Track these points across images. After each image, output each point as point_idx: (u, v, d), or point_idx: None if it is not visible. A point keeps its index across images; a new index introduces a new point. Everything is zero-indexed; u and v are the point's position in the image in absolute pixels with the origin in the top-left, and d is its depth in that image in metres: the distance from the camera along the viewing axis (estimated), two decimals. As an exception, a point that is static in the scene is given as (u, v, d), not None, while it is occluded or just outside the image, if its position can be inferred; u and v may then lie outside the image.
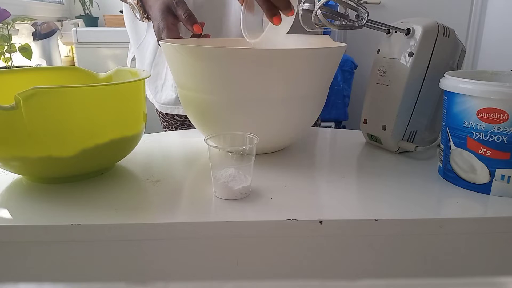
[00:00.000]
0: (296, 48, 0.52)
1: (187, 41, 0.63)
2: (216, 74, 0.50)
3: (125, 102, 0.48)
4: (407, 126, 0.58)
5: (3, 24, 1.42)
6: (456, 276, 0.44)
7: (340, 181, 0.51)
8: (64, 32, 2.09)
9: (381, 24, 0.57)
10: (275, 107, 0.52)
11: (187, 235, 0.41)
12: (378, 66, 0.60)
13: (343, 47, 0.55)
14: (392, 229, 0.42)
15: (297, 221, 0.40)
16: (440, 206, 0.46)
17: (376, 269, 0.44)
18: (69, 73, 0.59)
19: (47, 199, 0.44)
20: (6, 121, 0.41)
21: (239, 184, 0.44)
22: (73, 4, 2.36)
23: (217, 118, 0.54)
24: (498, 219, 0.42)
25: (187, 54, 0.50)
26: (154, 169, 0.53)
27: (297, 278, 0.44)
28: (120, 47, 2.03)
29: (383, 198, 0.46)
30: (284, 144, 0.61)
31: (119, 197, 0.45)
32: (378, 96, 0.60)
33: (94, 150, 0.45)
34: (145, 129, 0.54)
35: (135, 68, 0.55)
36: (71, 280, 0.42)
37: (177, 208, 0.43)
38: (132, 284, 0.43)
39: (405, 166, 0.56)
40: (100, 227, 0.40)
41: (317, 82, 0.54)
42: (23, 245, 0.41)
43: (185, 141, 0.67)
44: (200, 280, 0.43)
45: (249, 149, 0.45)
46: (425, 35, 0.55)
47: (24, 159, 0.44)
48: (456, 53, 0.60)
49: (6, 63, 1.45)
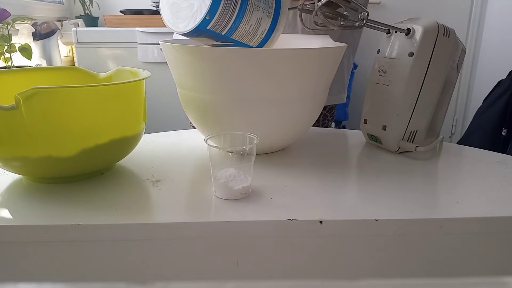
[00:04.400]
0: (296, 48, 0.52)
1: (187, 41, 0.63)
2: (216, 74, 0.50)
3: (125, 102, 0.48)
4: (407, 126, 0.58)
5: (3, 24, 1.42)
6: (456, 276, 0.44)
7: (340, 181, 0.51)
8: (64, 32, 2.09)
9: (381, 24, 0.57)
10: (275, 107, 0.52)
11: (187, 235, 0.41)
12: (378, 66, 0.60)
13: (343, 47, 0.55)
14: (392, 229, 0.42)
15: (297, 221, 0.40)
16: (440, 206, 0.46)
17: (376, 269, 0.44)
18: (69, 73, 0.59)
19: (47, 199, 0.44)
20: (6, 121, 0.41)
21: (239, 184, 0.44)
22: (73, 4, 2.36)
23: (217, 118, 0.54)
24: (498, 219, 0.42)
25: (187, 54, 0.50)
26: (154, 169, 0.53)
27: (297, 278, 0.44)
28: (120, 47, 2.03)
29: (383, 198, 0.46)
30: (284, 144, 0.61)
31: (119, 197, 0.45)
32: (378, 96, 0.60)
33: (94, 150, 0.45)
34: (145, 129, 0.54)
35: (135, 68, 0.55)
36: (71, 280, 0.42)
37: (177, 208, 0.43)
38: (132, 284, 0.43)
39: (405, 166, 0.56)
40: (100, 227, 0.40)
41: (317, 82, 0.54)
42: (23, 245, 0.41)
43: (185, 141, 0.67)
44: (200, 280, 0.43)
45: (249, 149, 0.45)
46: (425, 35, 0.55)
47: (24, 159, 0.44)
48: (456, 53, 0.60)
49: (6, 63, 1.45)
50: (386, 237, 0.42)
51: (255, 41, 0.50)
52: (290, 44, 0.67)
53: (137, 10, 2.15)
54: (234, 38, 0.49)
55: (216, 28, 0.46)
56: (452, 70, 0.61)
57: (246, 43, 0.50)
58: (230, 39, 0.49)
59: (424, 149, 0.58)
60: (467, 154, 0.64)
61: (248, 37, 0.49)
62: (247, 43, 0.50)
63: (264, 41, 0.51)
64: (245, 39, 0.49)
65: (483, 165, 0.58)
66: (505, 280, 0.45)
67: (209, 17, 0.45)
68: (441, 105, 0.63)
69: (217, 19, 0.45)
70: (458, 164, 0.60)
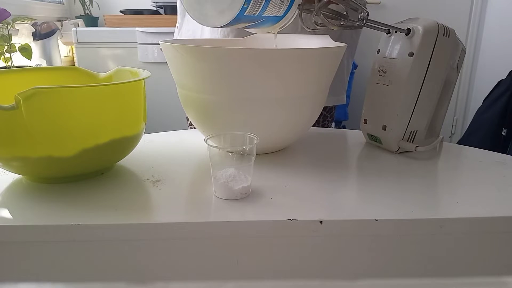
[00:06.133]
0: (296, 48, 0.52)
1: (187, 41, 0.63)
2: (216, 74, 0.50)
3: (125, 102, 0.48)
4: (407, 126, 0.58)
5: (3, 24, 1.42)
6: (456, 276, 0.44)
7: (340, 181, 0.51)
8: (64, 32, 2.09)
9: (381, 24, 0.57)
10: (275, 107, 0.52)
11: (187, 235, 0.41)
12: (378, 66, 0.60)
13: (343, 47, 0.55)
14: (392, 229, 0.42)
15: (297, 221, 0.40)
16: (440, 206, 0.46)
17: (376, 269, 0.44)
18: (69, 73, 0.59)
19: (47, 199, 0.44)
20: (6, 121, 0.41)
21: (239, 184, 0.44)
22: (73, 4, 2.36)
23: (217, 118, 0.54)
24: (498, 219, 0.42)
25: (187, 54, 0.50)
26: (154, 169, 0.53)
27: (297, 278, 0.44)
28: (120, 47, 2.03)
29: (383, 198, 0.46)
30: (284, 144, 0.61)
31: (119, 197, 0.45)
32: (378, 96, 0.60)
33: (94, 150, 0.45)
34: (145, 129, 0.54)
35: (135, 68, 0.55)
36: (71, 280, 0.42)
37: (177, 208, 0.43)
38: (132, 284, 0.43)
39: (405, 166, 0.56)
40: (100, 227, 0.40)
41: (317, 82, 0.54)
42: (23, 245, 0.41)
43: (185, 141, 0.67)
44: (200, 280, 0.43)
45: (249, 149, 0.45)
46: (425, 35, 0.55)
47: (24, 159, 0.44)
48: (456, 53, 0.60)
49: (6, 63, 1.45)
50: (386, 237, 0.42)
51: (282, 10, 0.49)
52: (290, 44, 0.67)
53: (137, 10, 2.16)
54: (265, 15, 0.48)
55: (251, 12, 0.46)
56: (452, 70, 0.61)
57: (274, 16, 0.50)
58: (262, 17, 0.48)
59: (424, 149, 0.58)
60: (467, 154, 0.64)
61: (276, 9, 0.49)
62: (275, 15, 0.50)
63: (288, 8, 0.50)
64: (273, 12, 0.49)
65: (483, 165, 0.58)
66: (505, 280, 0.45)
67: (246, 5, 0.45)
68: (441, 105, 0.63)
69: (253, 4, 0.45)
70: (458, 164, 0.60)
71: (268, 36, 0.60)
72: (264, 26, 0.54)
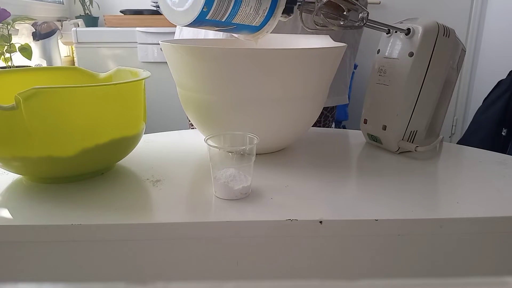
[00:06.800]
0: (296, 48, 0.52)
1: (187, 41, 0.63)
2: (216, 74, 0.50)
3: (125, 102, 0.48)
4: (407, 126, 0.58)
5: (3, 24, 1.42)
6: (456, 276, 0.44)
7: (340, 181, 0.51)
8: (64, 32, 2.09)
9: (381, 24, 0.57)
10: (275, 107, 0.52)
11: (187, 235, 0.41)
12: (378, 66, 0.60)
13: (343, 47, 0.55)
14: (392, 229, 0.42)
15: (297, 221, 0.40)
16: (440, 206, 0.46)
17: (376, 269, 0.44)
18: (69, 73, 0.59)
19: (47, 199, 0.44)
20: (6, 121, 0.41)
21: (239, 184, 0.44)
22: (73, 4, 2.36)
23: (217, 118, 0.54)
24: (498, 219, 0.42)
25: (187, 54, 0.50)
26: (154, 169, 0.53)
27: (297, 278, 0.44)
28: (120, 47, 2.03)
29: (383, 198, 0.46)
30: (284, 144, 0.61)
31: (119, 197, 0.45)
32: (378, 96, 0.60)
33: (94, 150, 0.45)
34: (145, 129, 0.54)
35: (135, 68, 0.55)
36: (71, 280, 0.42)
37: (177, 208, 0.43)
38: (132, 284, 0.43)
39: (405, 166, 0.56)
40: (100, 227, 0.40)
41: (317, 82, 0.54)
42: (23, 245, 0.41)
43: (185, 141, 0.67)
44: (200, 280, 0.43)
45: (249, 149, 0.45)
46: (425, 35, 0.55)
47: (24, 159, 0.44)
48: (456, 53, 0.60)
49: (6, 63, 1.45)
50: (386, 237, 0.42)
51: (257, 20, 0.49)
52: (290, 44, 0.67)
53: (137, 10, 2.15)
54: (235, 22, 0.48)
55: (215, 17, 0.46)
56: (452, 70, 0.61)
57: (248, 24, 0.50)
58: (231, 23, 0.48)
59: (424, 149, 0.58)
60: (467, 154, 0.64)
61: (249, 19, 0.48)
62: (250, 24, 0.50)
63: (266, 19, 0.50)
64: (246, 21, 0.49)
65: (483, 165, 0.58)
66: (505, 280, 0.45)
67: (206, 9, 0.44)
68: (441, 105, 0.63)
69: (214, 9, 0.45)
70: (458, 164, 0.60)
71: (271, 36, 0.60)
72: (241, 33, 0.54)
